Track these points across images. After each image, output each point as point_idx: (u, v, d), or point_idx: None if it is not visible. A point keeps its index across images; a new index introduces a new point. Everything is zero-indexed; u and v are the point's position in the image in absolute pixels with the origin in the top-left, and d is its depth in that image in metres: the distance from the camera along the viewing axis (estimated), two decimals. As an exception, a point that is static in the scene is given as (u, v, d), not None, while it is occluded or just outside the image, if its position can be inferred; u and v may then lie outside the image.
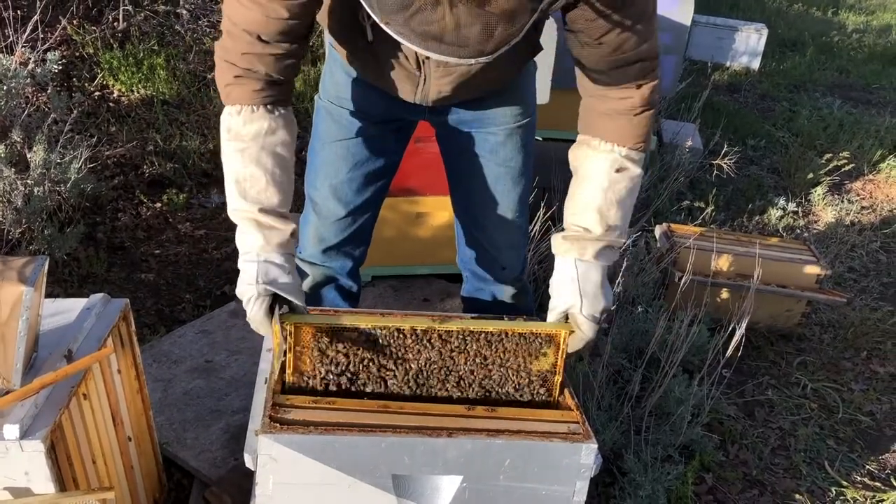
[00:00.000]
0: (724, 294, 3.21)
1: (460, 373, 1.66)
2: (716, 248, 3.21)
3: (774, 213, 4.45)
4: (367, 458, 1.48)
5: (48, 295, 1.79)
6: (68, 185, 3.29)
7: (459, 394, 1.67)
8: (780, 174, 5.12)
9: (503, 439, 1.51)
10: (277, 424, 1.47)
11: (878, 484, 2.65)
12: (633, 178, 1.66)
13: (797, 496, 2.54)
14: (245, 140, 1.58)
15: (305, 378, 1.63)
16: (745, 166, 5.04)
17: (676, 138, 4.30)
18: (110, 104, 4.44)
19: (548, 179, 3.09)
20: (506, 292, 2.15)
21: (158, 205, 3.76)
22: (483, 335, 1.64)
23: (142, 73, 4.59)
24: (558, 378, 1.68)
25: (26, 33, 3.44)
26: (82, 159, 3.32)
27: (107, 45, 4.68)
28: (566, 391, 1.70)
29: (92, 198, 3.56)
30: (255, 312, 1.58)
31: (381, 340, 1.62)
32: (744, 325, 2.28)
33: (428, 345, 1.63)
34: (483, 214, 2.06)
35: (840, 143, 5.57)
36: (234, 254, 3.57)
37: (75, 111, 3.58)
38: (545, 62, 3.10)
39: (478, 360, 1.66)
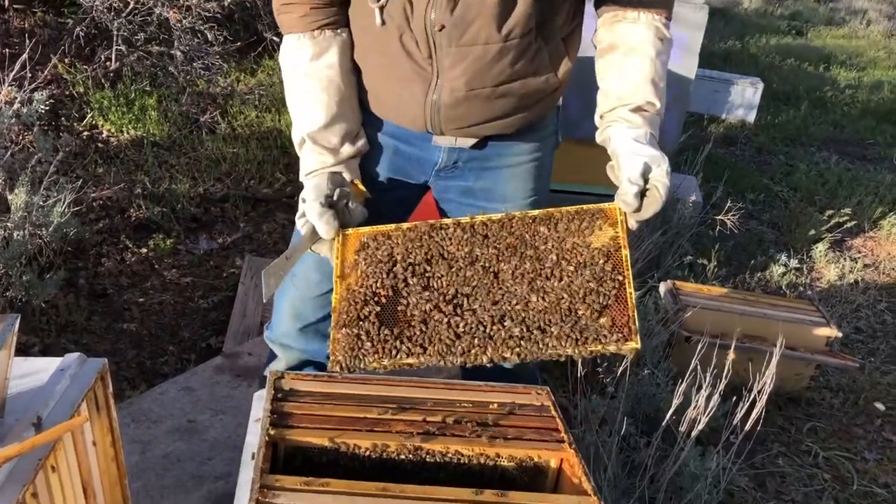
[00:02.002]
0: (730, 355, 3.08)
1: (510, 262, 1.56)
2: (724, 309, 3.10)
3: (777, 270, 4.36)
4: (364, 550, 1.33)
5: (21, 346, 1.67)
6: (50, 228, 3.15)
7: (512, 284, 1.55)
8: (781, 229, 5.04)
9: (515, 529, 1.36)
10: (266, 511, 1.32)
11: (898, 564, 2.50)
12: (670, 45, 1.66)
13: (815, 577, 2.39)
14: (293, 69, 1.68)
15: (352, 286, 1.60)
16: (744, 221, 4.95)
17: (678, 192, 4.21)
18: (99, 144, 4.34)
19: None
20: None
21: (144, 250, 3.63)
22: (529, 219, 1.60)
23: (132, 114, 4.49)
24: (624, 252, 1.54)
25: (14, 71, 3.33)
26: (66, 202, 3.19)
27: (98, 85, 4.59)
28: (581, 473, 1.56)
29: (74, 242, 3.43)
30: (312, 207, 1.62)
31: (425, 238, 1.61)
32: (765, 396, 2.15)
33: (472, 237, 1.60)
34: None
35: (839, 198, 5.51)
36: (222, 303, 3.41)
37: (61, 152, 3.46)
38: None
39: (528, 246, 1.57)
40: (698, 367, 2.19)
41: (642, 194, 1.53)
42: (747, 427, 2.15)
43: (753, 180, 5.72)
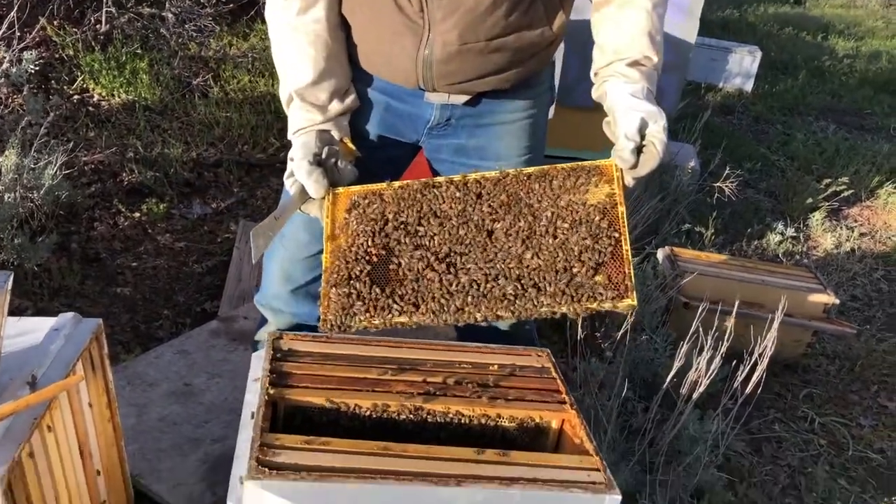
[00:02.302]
0: (728, 321, 3.07)
1: (504, 219, 1.54)
2: (722, 275, 3.09)
3: (773, 238, 4.35)
4: (365, 508, 1.32)
5: (14, 309, 1.64)
6: (42, 191, 3.10)
7: (506, 242, 1.52)
8: (778, 198, 5.02)
9: (518, 489, 1.35)
10: (266, 469, 1.30)
11: (893, 528, 2.52)
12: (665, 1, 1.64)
13: (810, 540, 2.40)
14: (279, 24, 1.64)
15: (343, 245, 1.58)
16: (742, 189, 4.93)
17: (676, 159, 4.18)
18: (89, 108, 4.26)
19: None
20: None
21: (137, 215, 3.58)
22: (524, 175, 1.57)
23: (123, 77, 4.41)
24: (621, 209, 1.51)
25: (1, 31, 3.25)
26: (57, 165, 3.14)
27: (88, 47, 4.50)
28: (583, 433, 1.55)
29: (66, 206, 3.37)
30: (300, 165, 1.60)
31: (418, 196, 1.59)
32: (766, 360, 2.14)
33: (464, 194, 1.57)
34: None
35: (836, 168, 5.49)
36: (216, 268, 3.36)
37: (52, 114, 3.40)
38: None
39: (523, 203, 1.54)
40: (700, 330, 2.17)
41: (639, 150, 1.49)
42: (747, 391, 2.15)
43: (751, 149, 5.69)
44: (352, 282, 1.53)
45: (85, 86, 4.41)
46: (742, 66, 7.11)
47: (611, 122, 1.57)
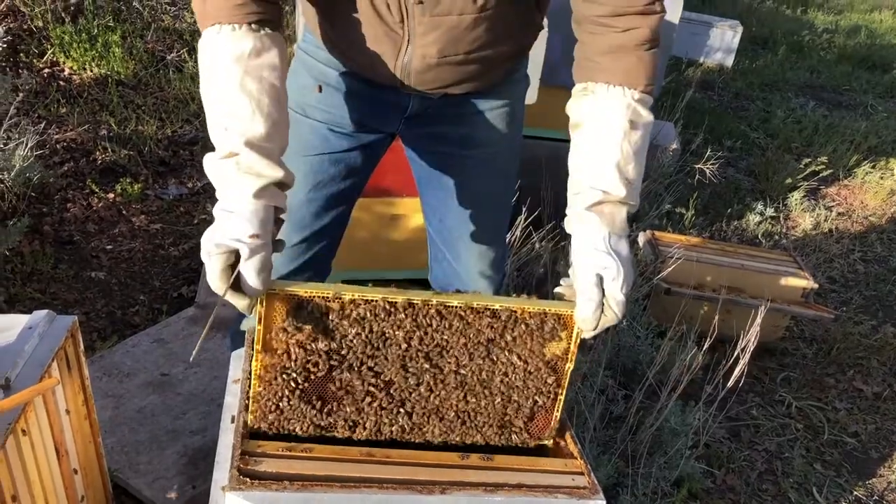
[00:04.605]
0: (709, 307, 3.09)
1: (458, 356, 1.42)
2: (703, 260, 3.09)
3: (753, 219, 4.36)
4: (349, 517, 1.30)
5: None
6: (13, 173, 3.03)
7: (454, 380, 1.44)
8: (758, 177, 5.04)
9: (502, 496, 1.35)
10: (247, 479, 1.28)
11: (866, 512, 2.56)
12: (647, 126, 1.43)
13: (786, 526, 2.44)
14: (225, 64, 1.32)
15: (276, 359, 1.36)
16: (722, 168, 4.94)
17: (657, 139, 4.17)
18: (60, 83, 4.15)
19: (534, 182, 2.93)
20: None
21: (111, 195, 3.51)
22: (489, 312, 1.41)
23: (95, 51, 4.30)
24: (569, 366, 1.47)
25: (-33, 4, 3.15)
26: (28, 146, 3.06)
27: (58, 19, 4.38)
28: (568, 435, 1.54)
29: (38, 187, 3.30)
30: (211, 272, 1.27)
31: (367, 314, 1.37)
32: (748, 354, 2.15)
33: (423, 321, 1.39)
34: (459, 241, 1.89)
35: (815, 146, 5.51)
36: (193, 251, 3.30)
37: (21, 93, 3.30)
38: (534, 60, 2.92)
39: (480, 342, 1.43)
40: (683, 323, 2.16)
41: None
42: (729, 384, 2.16)
43: (731, 126, 5.69)
44: (282, 405, 1.41)
45: (55, 59, 4.29)
46: (723, 40, 7.09)
47: (571, 277, 1.45)
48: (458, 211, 1.85)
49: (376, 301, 1.37)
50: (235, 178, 1.29)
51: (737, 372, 2.09)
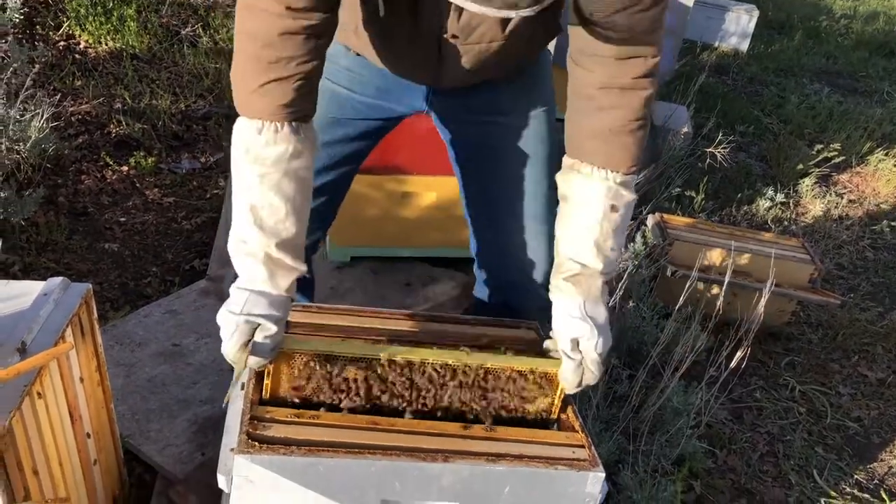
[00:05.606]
0: (715, 290, 3.10)
1: (452, 399, 1.54)
2: (710, 244, 3.10)
3: (763, 204, 4.36)
4: (354, 482, 1.34)
5: (2, 264, 1.61)
6: (28, 144, 3.06)
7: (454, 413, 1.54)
8: (769, 162, 5.02)
9: (504, 465, 1.38)
10: (256, 443, 1.32)
11: (866, 495, 2.58)
12: (628, 206, 1.53)
13: (786, 507, 2.47)
14: (266, 164, 1.38)
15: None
16: (733, 153, 4.93)
17: (669, 122, 4.17)
18: (76, 56, 4.18)
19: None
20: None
21: (125, 168, 3.54)
22: (482, 369, 1.53)
23: (111, 24, 4.32)
24: (553, 417, 1.58)
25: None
26: (44, 117, 3.09)
27: (74, -9, 4.40)
28: (570, 409, 1.57)
29: (53, 158, 3.33)
30: (230, 345, 1.44)
31: (367, 368, 1.50)
32: (751, 337, 2.17)
33: (418, 374, 1.52)
34: (506, 215, 1.87)
35: (829, 132, 5.48)
36: (205, 225, 3.32)
37: (38, 64, 3.33)
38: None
39: (476, 386, 1.55)
40: (687, 301, 2.18)
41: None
42: (732, 364, 2.18)
43: (744, 111, 5.67)
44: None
45: (71, 32, 4.32)
46: (739, 25, 7.03)
47: (553, 338, 1.59)
48: (503, 179, 1.85)
49: (375, 367, 1.49)
50: (263, 273, 1.40)
51: (739, 354, 2.12)
